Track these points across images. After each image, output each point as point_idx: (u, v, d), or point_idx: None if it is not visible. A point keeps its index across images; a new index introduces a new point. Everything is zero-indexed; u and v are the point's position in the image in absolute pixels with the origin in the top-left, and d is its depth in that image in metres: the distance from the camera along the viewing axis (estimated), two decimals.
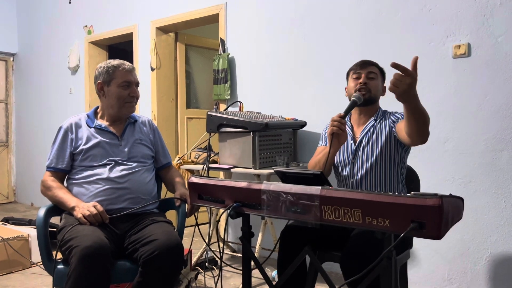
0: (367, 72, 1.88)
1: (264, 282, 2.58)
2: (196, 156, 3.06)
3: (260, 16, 3.26)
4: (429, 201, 1.04)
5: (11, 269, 2.95)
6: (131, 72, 1.93)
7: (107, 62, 1.93)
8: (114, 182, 1.83)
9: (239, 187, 1.40)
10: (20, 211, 5.16)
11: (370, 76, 1.87)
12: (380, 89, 1.92)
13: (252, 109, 3.16)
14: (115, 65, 1.91)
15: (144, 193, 1.90)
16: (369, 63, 1.92)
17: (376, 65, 1.94)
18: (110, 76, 1.89)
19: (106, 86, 1.91)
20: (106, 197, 1.81)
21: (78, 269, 1.50)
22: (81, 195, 1.84)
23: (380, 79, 1.93)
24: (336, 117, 1.70)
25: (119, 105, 1.91)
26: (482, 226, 2.35)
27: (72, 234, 1.63)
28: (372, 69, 1.90)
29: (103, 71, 1.91)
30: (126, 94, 1.91)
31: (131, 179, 1.87)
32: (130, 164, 1.89)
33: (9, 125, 5.80)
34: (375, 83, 1.89)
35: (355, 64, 1.95)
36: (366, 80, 1.86)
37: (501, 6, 2.28)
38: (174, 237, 1.68)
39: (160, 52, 4.04)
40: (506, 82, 2.27)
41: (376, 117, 1.90)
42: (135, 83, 1.94)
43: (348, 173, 1.87)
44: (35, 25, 5.43)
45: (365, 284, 1.25)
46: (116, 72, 1.90)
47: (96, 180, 1.83)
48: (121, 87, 1.90)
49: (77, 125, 1.94)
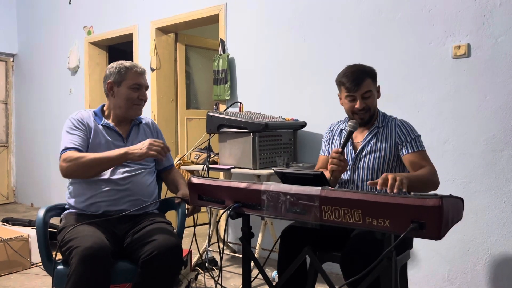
0: (362, 94, 1.77)
1: (264, 282, 2.58)
2: (196, 157, 3.06)
3: (260, 16, 3.26)
4: (429, 202, 1.04)
5: (11, 270, 2.95)
6: (143, 75, 1.94)
7: (120, 63, 1.93)
8: (115, 183, 1.83)
9: (239, 188, 1.39)
10: (20, 211, 5.15)
11: (366, 96, 1.77)
12: (376, 97, 1.84)
13: (252, 110, 3.16)
14: (128, 66, 1.91)
15: (145, 195, 1.90)
16: (361, 79, 1.76)
17: (368, 74, 1.80)
18: (122, 77, 1.89)
19: (116, 87, 1.91)
20: (107, 198, 1.81)
21: (79, 270, 1.50)
22: (81, 195, 1.83)
23: (374, 89, 1.83)
24: (335, 154, 1.69)
25: (127, 107, 1.91)
26: (482, 226, 2.35)
27: (72, 235, 1.63)
28: (366, 87, 1.76)
29: (115, 71, 1.91)
30: (136, 96, 1.91)
31: (132, 181, 1.86)
32: (132, 166, 1.89)
33: (9, 125, 5.80)
34: (372, 100, 1.80)
35: (345, 77, 1.80)
36: (364, 103, 1.77)
37: (501, 7, 2.28)
38: (173, 238, 1.68)
39: (160, 52, 4.04)
40: (506, 83, 2.27)
41: (379, 123, 1.85)
42: (145, 86, 1.95)
43: (348, 178, 1.87)
44: (35, 26, 5.43)
45: (365, 284, 1.25)
46: (128, 73, 1.90)
47: (97, 180, 1.82)
48: (131, 89, 1.90)
49: (88, 118, 1.93)
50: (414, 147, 1.76)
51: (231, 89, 3.39)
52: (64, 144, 1.82)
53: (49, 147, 5.21)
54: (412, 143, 1.77)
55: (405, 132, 1.80)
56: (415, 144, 1.77)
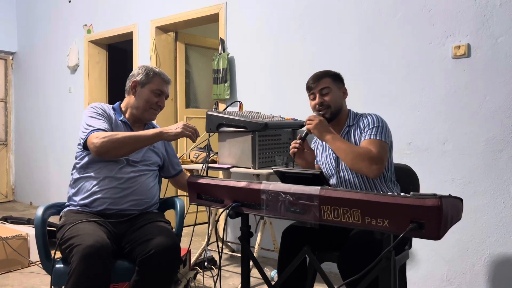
0: (320, 90, 1.85)
1: (263, 282, 2.58)
2: (196, 156, 3.06)
3: (259, 15, 3.25)
4: (428, 202, 1.04)
5: (10, 268, 2.94)
6: (167, 84, 1.99)
7: (150, 67, 1.98)
8: (122, 182, 1.83)
9: (239, 187, 1.39)
10: (19, 210, 5.15)
11: (324, 92, 1.84)
12: (338, 97, 1.87)
13: (252, 109, 3.16)
14: (156, 71, 1.96)
15: (148, 197, 1.92)
16: (319, 77, 1.87)
17: (327, 75, 1.88)
18: (148, 79, 1.93)
19: (139, 87, 1.94)
20: (111, 195, 1.81)
21: (80, 268, 1.50)
22: (84, 191, 1.82)
23: (335, 87, 1.87)
24: (295, 140, 1.88)
25: (144, 108, 1.93)
26: (481, 226, 2.35)
27: (72, 233, 1.62)
28: (323, 83, 1.85)
29: (143, 72, 1.95)
30: (155, 101, 1.94)
31: (137, 181, 1.87)
32: (139, 167, 1.90)
33: (8, 124, 5.80)
34: (331, 96, 1.84)
35: (308, 80, 1.91)
36: (321, 99, 1.84)
37: (501, 7, 2.28)
38: (171, 236, 1.68)
39: (159, 51, 4.03)
40: (506, 83, 2.27)
41: (349, 122, 1.87)
42: (166, 94, 1.99)
43: (336, 182, 1.88)
44: (35, 24, 5.42)
45: (364, 285, 1.25)
46: (155, 78, 1.94)
47: (105, 178, 1.82)
48: (153, 93, 1.93)
49: (108, 110, 1.94)
50: (371, 135, 1.74)
51: (230, 88, 3.39)
52: (92, 125, 1.79)
53: (48, 146, 5.20)
54: (370, 132, 1.75)
55: (365, 123, 1.80)
56: (372, 133, 1.75)
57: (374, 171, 1.66)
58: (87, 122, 1.81)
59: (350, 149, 1.69)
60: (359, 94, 2.74)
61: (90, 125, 1.79)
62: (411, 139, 2.56)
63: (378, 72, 2.69)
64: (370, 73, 2.72)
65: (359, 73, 2.76)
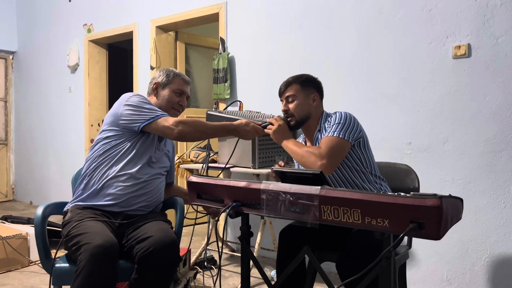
0: (285, 98, 1.91)
1: (263, 281, 2.58)
2: (196, 155, 3.06)
3: (260, 15, 3.25)
4: (428, 202, 1.03)
5: (10, 268, 2.94)
6: (187, 85, 2.03)
7: (171, 69, 2.04)
8: (138, 182, 1.82)
9: (239, 187, 1.39)
10: (19, 209, 5.15)
11: (290, 100, 1.89)
12: (305, 104, 1.87)
13: (252, 109, 3.16)
14: (176, 73, 2.02)
15: (158, 201, 1.94)
16: (288, 83, 1.91)
17: (297, 81, 1.90)
18: (169, 80, 1.98)
19: (161, 88, 1.98)
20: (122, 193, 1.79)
21: (88, 268, 1.49)
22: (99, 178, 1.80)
23: (302, 94, 1.87)
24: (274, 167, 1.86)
25: (166, 109, 1.94)
26: (481, 226, 2.35)
27: (80, 230, 1.61)
28: (289, 91, 1.89)
29: (164, 74, 1.99)
30: (177, 101, 1.98)
31: (152, 184, 1.88)
32: (156, 170, 1.91)
33: (8, 123, 5.80)
34: (296, 104, 1.87)
35: (280, 84, 1.96)
36: (286, 106, 1.90)
37: (501, 7, 2.28)
38: (170, 234, 1.68)
39: (160, 50, 4.03)
40: (506, 83, 2.27)
41: (319, 126, 1.87)
42: (187, 94, 2.03)
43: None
44: (35, 23, 5.42)
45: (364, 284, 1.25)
46: (176, 78, 1.99)
47: (122, 175, 1.80)
48: (175, 93, 1.98)
49: None
50: (329, 132, 1.74)
51: (230, 88, 3.39)
52: (155, 110, 1.80)
53: (48, 145, 5.20)
54: (330, 129, 1.75)
55: (330, 122, 1.80)
56: (331, 130, 1.74)
57: (322, 167, 1.66)
58: (145, 107, 1.80)
59: (300, 150, 1.74)
60: (359, 94, 2.74)
61: (153, 110, 1.80)
62: (411, 139, 2.56)
63: (378, 72, 2.69)
64: (370, 73, 2.72)
65: (359, 73, 2.76)
